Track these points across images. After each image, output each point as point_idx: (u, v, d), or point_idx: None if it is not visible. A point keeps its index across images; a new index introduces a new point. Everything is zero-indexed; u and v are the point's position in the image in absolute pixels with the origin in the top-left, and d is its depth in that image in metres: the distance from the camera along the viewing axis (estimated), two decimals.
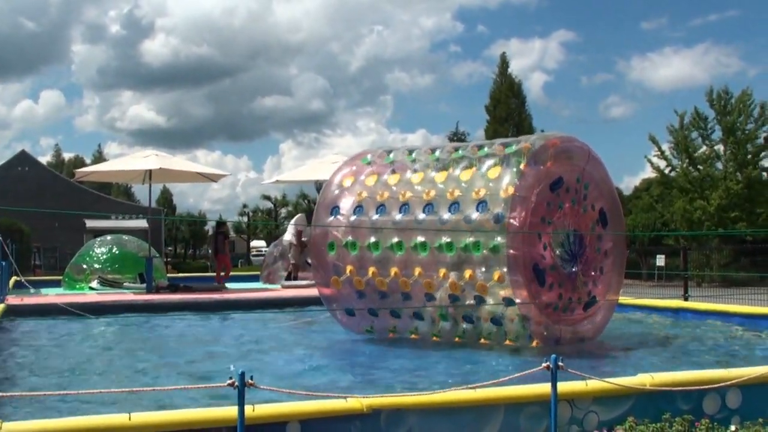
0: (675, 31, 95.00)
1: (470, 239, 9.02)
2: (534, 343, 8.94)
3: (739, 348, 9.70)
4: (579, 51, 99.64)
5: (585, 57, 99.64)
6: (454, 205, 9.26)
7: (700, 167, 37.34)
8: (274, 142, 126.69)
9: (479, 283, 9.00)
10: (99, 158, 79.45)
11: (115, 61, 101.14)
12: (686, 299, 14.10)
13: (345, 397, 4.90)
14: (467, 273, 9.07)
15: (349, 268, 9.89)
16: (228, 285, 18.69)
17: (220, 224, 21.04)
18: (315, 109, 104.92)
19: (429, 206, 9.49)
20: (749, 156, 36.29)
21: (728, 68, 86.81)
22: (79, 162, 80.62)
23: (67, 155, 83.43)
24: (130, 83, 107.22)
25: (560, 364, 4.47)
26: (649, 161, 39.02)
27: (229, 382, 3.91)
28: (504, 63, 48.93)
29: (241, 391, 3.89)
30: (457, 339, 9.55)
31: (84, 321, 12.16)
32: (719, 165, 37.56)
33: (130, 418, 4.43)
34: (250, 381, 3.90)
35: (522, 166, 8.97)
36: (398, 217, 9.71)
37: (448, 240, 9.19)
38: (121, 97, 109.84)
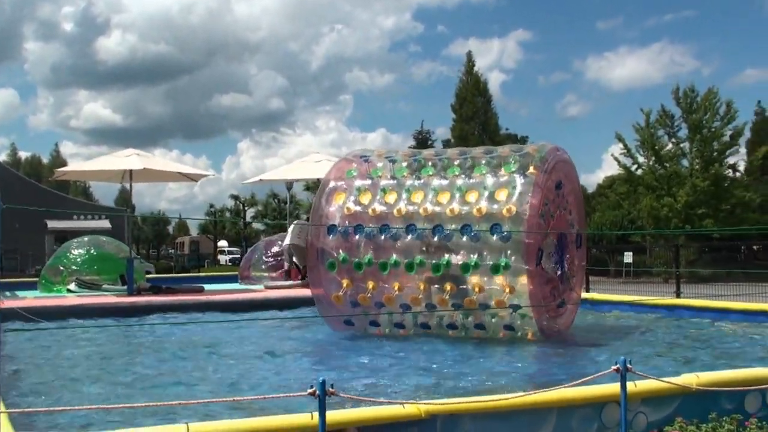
0: (630, 30, 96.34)
1: (474, 256, 9.70)
2: (529, 336, 9.81)
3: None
4: (536, 50, 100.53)
5: (542, 56, 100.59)
6: (467, 227, 9.80)
7: (667, 165, 37.80)
8: (232, 142, 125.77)
9: (495, 295, 9.63)
10: (57, 157, 77.92)
11: (69, 59, 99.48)
12: (678, 296, 14.24)
13: (402, 403, 4.82)
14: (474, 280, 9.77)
15: (345, 282, 10.31)
16: (209, 286, 18.43)
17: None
18: (274, 108, 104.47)
19: (438, 227, 9.97)
20: (715, 153, 36.83)
21: (683, 67, 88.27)
22: (36, 161, 78.91)
23: (23, 154, 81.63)
24: (86, 81, 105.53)
25: (629, 366, 4.41)
26: (616, 159, 39.43)
27: (310, 390, 3.77)
28: (470, 61, 48.98)
29: (322, 399, 3.76)
30: (450, 333, 10.13)
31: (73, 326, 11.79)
32: (685, 162, 38.07)
33: (188, 429, 4.29)
34: (331, 389, 3.76)
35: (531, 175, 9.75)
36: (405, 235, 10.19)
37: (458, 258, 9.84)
38: (77, 95, 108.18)
